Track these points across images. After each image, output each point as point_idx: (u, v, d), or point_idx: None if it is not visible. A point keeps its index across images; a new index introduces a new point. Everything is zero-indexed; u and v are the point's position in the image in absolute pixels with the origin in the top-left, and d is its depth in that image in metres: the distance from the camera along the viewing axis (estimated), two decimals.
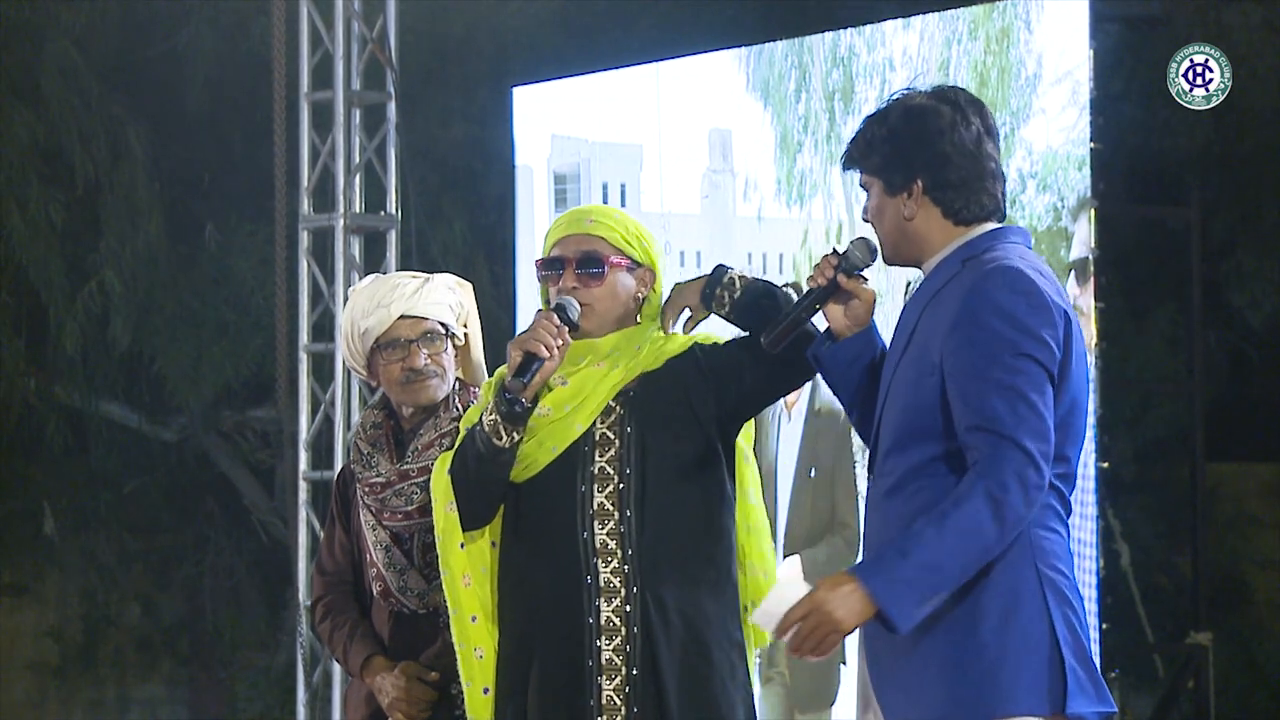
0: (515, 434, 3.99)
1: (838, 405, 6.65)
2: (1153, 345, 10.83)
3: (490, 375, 4.20)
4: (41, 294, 11.23)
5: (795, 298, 3.86)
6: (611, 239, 4.08)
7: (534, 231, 9.03)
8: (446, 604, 4.21)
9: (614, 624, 3.99)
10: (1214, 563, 10.30)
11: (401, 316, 4.42)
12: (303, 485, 8.46)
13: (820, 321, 3.81)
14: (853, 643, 6.42)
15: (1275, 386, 11.31)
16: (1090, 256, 6.79)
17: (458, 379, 4.51)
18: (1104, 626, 6.87)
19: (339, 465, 8.19)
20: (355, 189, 8.37)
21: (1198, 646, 8.76)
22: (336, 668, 8.15)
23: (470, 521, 4.07)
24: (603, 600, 3.99)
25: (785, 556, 7.31)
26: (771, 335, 3.77)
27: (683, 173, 8.28)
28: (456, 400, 4.46)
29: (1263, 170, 10.71)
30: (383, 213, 8.47)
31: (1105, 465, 6.91)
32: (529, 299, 8.99)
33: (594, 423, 4.03)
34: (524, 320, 9.00)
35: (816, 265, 3.75)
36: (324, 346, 8.41)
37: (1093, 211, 6.83)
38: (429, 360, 4.42)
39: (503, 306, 9.53)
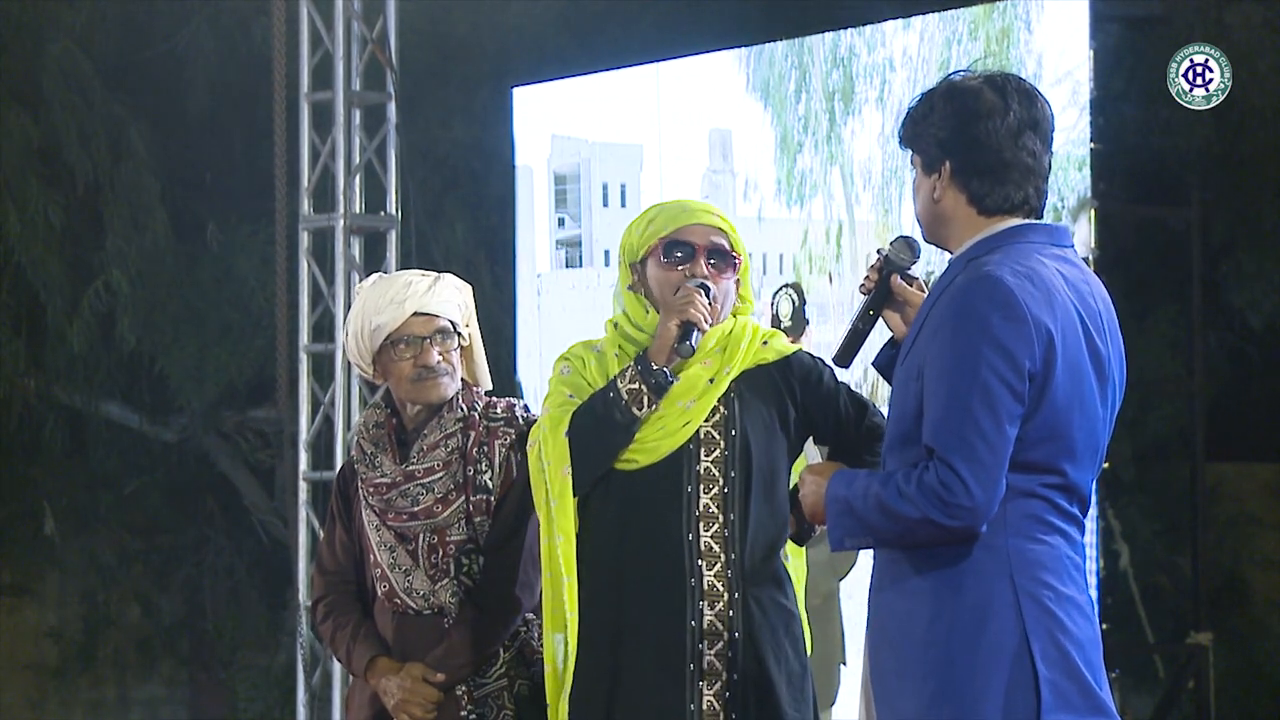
0: (655, 404, 3.97)
1: None
2: (1153, 345, 10.83)
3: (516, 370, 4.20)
4: (40, 294, 11.23)
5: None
6: (732, 237, 4.11)
7: (534, 232, 9.03)
8: (470, 593, 4.23)
9: (716, 628, 3.96)
10: (1214, 563, 10.31)
11: (415, 313, 4.42)
12: (303, 485, 8.45)
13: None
14: (853, 643, 6.42)
15: (1275, 386, 11.30)
16: (1090, 256, 6.79)
17: (462, 379, 4.51)
18: (1104, 627, 6.85)
19: (339, 465, 8.18)
20: (355, 189, 8.36)
21: (1198, 646, 8.77)
22: (337, 668, 8.14)
23: (581, 486, 4.02)
24: (705, 604, 3.97)
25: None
26: (838, 352, 3.78)
27: (683, 173, 8.28)
28: (461, 401, 4.46)
29: (1263, 170, 10.71)
30: (383, 213, 8.47)
31: (1105, 465, 6.90)
32: (529, 299, 8.99)
33: (699, 423, 4.02)
34: (525, 320, 9.00)
35: (866, 273, 3.75)
36: (324, 347, 8.41)
37: (1093, 211, 6.83)
38: (441, 358, 4.42)
39: (504, 307, 9.53)
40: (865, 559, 3.94)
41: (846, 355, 3.77)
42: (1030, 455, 3.35)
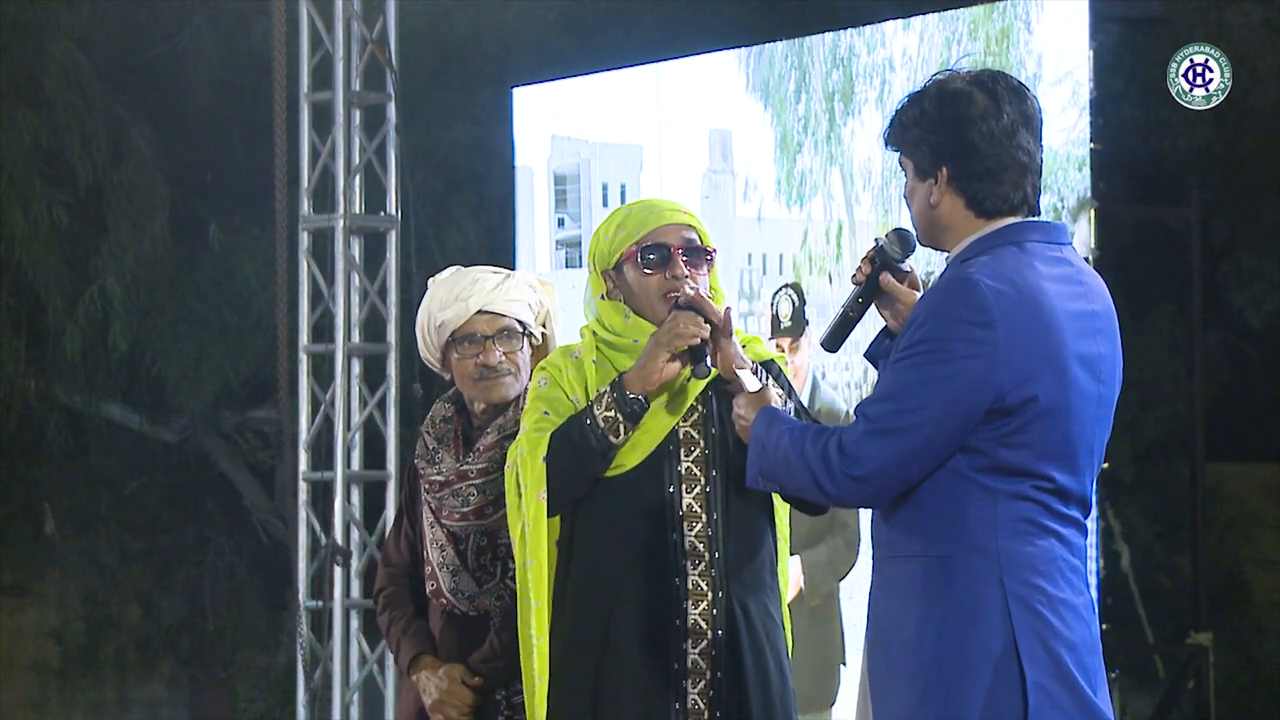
0: (630, 432, 3.96)
1: (838, 406, 6.67)
2: (1153, 345, 10.85)
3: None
4: (41, 295, 11.24)
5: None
6: (701, 231, 4.10)
7: (534, 232, 9.03)
8: (516, 598, 4.15)
9: (700, 627, 3.97)
10: (1214, 563, 10.31)
11: (479, 312, 4.38)
12: (302, 486, 8.45)
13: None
14: (853, 643, 6.42)
15: (1275, 386, 11.31)
16: (1090, 256, 6.79)
17: None
18: (1104, 627, 6.84)
19: (339, 466, 8.19)
20: (355, 190, 8.36)
21: (1198, 647, 8.76)
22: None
23: (555, 510, 4.01)
24: (690, 603, 3.97)
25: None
26: (826, 336, 3.74)
27: (683, 173, 8.27)
28: (527, 401, 4.43)
29: (1263, 170, 10.72)
30: (383, 213, 8.47)
31: (1105, 465, 6.89)
32: None
33: (676, 422, 4.02)
34: None
35: (860, 262, 3.73)
36: (324, 347, 8.41)
37: (1093, 211, 6.83)
38: (504, 358, 4.38)
39: None
40: (865, 560, 3.93)
41: (835, 340, 3.73)
42: (1010, 459, 3.34)
